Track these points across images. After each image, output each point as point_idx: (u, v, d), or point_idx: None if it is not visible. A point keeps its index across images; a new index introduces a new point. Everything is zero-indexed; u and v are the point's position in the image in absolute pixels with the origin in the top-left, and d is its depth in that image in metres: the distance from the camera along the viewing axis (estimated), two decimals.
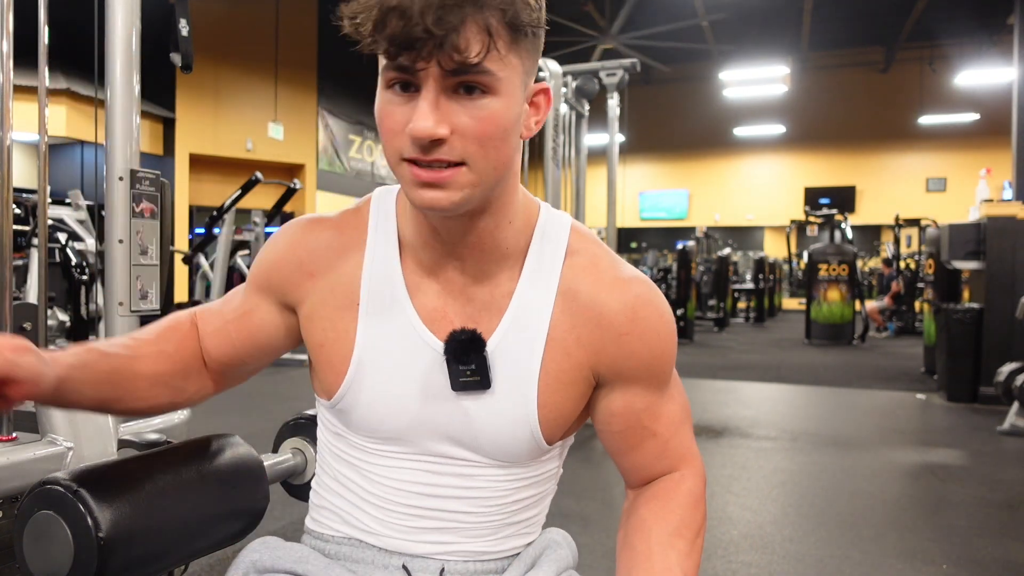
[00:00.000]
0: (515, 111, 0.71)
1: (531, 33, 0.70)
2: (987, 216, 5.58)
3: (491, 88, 0.68)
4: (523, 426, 0.80)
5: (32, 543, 0.86)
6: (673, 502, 0.85)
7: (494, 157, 0.71)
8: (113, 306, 1.77)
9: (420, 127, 0.67)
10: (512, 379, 0.80)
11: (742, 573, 2.45)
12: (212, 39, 10.79)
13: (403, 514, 0.83)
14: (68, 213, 5.74)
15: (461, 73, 0.67)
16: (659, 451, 0.86)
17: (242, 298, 0.91)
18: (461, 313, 0.81)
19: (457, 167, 0.70)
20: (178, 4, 2.14)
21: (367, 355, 0.81)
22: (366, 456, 0.84)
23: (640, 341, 0.81)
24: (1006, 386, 4.57)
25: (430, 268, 0.81)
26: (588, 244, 0.84)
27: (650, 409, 0.84)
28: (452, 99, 0.68)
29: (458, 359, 0.78)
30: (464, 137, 0.69)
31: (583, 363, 0.81)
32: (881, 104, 17.91)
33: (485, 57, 0.66)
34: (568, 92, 5.34)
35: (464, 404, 0.80)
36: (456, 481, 0.82)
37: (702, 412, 5.20)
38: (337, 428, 0.86)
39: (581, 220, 5.86)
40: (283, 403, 4.95)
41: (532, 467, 0.85)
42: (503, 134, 0.70)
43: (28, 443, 1.39)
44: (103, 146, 1.80)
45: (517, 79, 0.71)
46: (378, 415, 0.81)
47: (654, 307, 0.82)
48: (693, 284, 10.81)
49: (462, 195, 0.71)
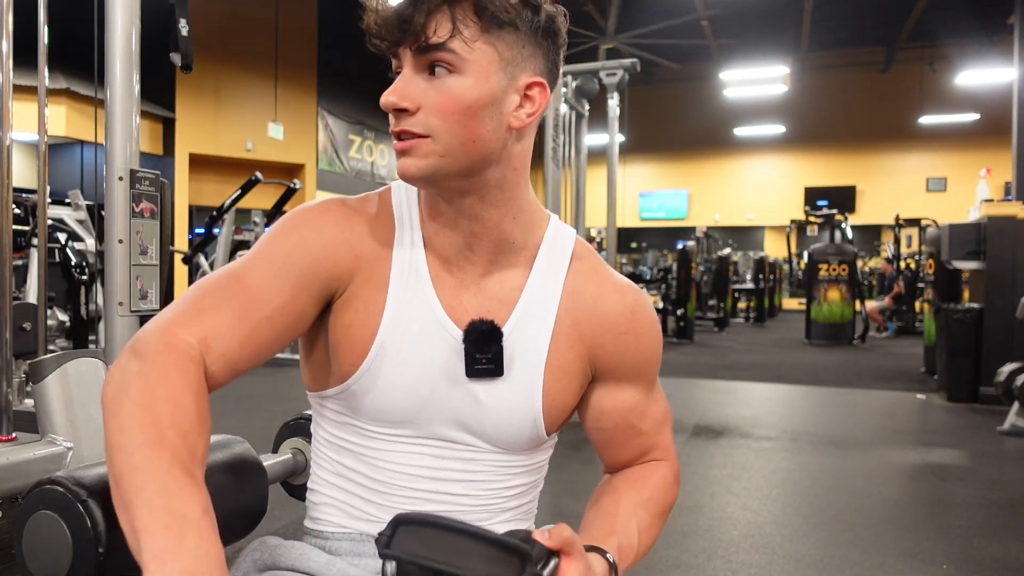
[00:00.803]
0: (483, 92, 0.77)
1: (510, 24, 0.77)
2: (987, 216, 5.58)
3: (456, 67, 0.76)
4: (527, 413, 0.85)
5: (32, 543, 0.86)
6: (647, 480, 0.93)
7: (459, 132, 0.77)
8: (113, 306, 1.77)
9: (384, 99, 0.77)
10: (521, 367, 0.85)
11: (742, 573, 2.45)
12: (212, 39, 10.78)
13: (405, 498, 0.85)
14: (68, 213, 5.73)
15: (427, 52, 0.76)
16: (642, 448, 0.95)
17: (273, 291, 0.80)
18: (475, 303, 0.85)
19: (423, 138, 0.77)
20: (178, 4, 2.14)
21: (390, 337, 0.83)
22: (370, 442, 0.86)
23: (636, 341, 0.89)
24: (1006, 386, 4.57)
25: (447, 259, 0.86)
26: (590, 254, 0.92)
27: (637, 408, 0.92)
28: (423, 78, 0.77)
29: (477, 348, 0.82)
30: (428, 111, 0.77)
31: (583, 356, 0.88)
32: (881, 104, 17.91)
33: (449, 39, 0.75)
34: (568, 92, 5.34)
35: (474, 390, 0.84)
36: (458, 465, 0.86)
37: (702, 412, 5.20)
38: (341, 416, 0.87)
39: (581, 220, 5.89)
40: (283, 403, 4.95)
41: (528, 455, 0.90)
42: (466, 110, 0.76)
43: (28, 443, 1.39)
44: (103, 146, 1.80)
45: (491, 65, 0.77)
46: (392, 398, 0.83)
47: (648, 312, 0.92)
48: (693, 284, 10.81)
49: (427, 163, 0.78)
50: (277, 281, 0.80)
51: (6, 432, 1.47)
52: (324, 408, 0.89)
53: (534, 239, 0.88)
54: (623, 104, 6.45)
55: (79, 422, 1.40)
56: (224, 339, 0.77)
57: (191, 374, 0.73)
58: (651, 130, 19.01)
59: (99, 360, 1.50)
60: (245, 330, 0.78)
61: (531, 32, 0.79)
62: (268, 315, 0.79)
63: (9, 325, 1.53)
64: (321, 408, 0.90)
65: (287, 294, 0.80)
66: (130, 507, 0.64)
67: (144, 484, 0.65)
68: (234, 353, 0.77)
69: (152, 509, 0.63)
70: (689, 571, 2.46)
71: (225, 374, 0.78)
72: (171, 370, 0.72)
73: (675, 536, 2.73)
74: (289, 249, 0.81)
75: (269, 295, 0.79)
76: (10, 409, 1.51)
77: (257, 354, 0.80)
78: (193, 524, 0.63)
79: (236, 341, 0.77)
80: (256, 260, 0.82)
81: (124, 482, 0.66)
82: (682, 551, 2.61)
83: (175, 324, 0.76)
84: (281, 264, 0.81)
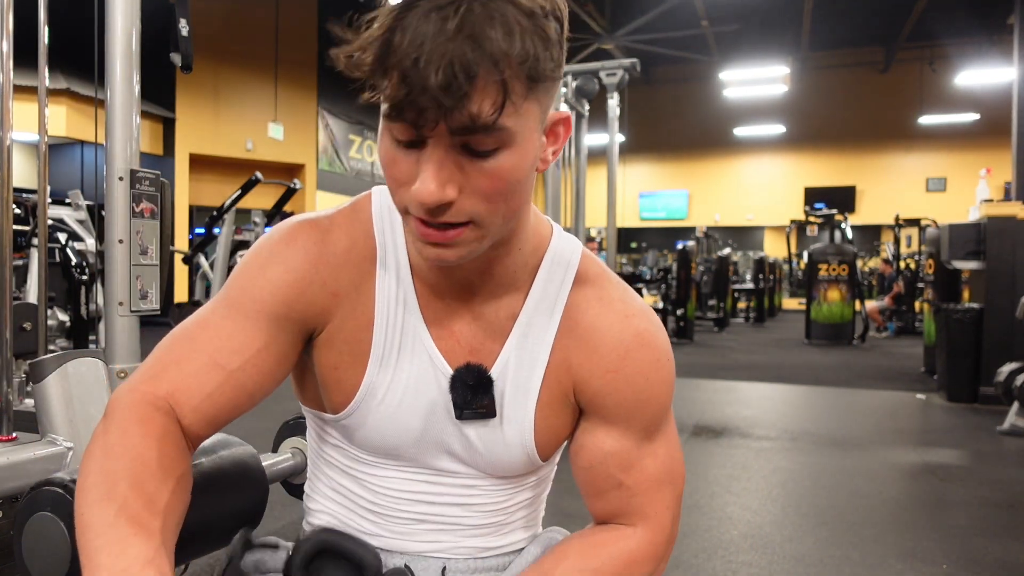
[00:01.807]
0: (531, 158, 0.66)
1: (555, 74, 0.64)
2: (987, 216, 5.58)
3: (504, 143, 0.63)
4: (519, 448, 0.80)
5: (31, 543, 0.86)
6: (603, 548, 0.80)
7: (503, 211, 0.67)
8: (113, 306, 1.77)
9: (425, 194, 0.62)
10: (512, 403, 0.79)
11: (742, 573, 2.45)
12: (212, 39, 10.79)
13: (402, 519, 0.83)
14: (68, 213, 5.73)
15: (471, 133, 0.61)
16: (622, 505, 0.82)
17: (245, 337, 0.75)
18: (468, 332, 0.79)
19: (464, 226, 0.66)
20: (178, 4, 2.14)
21: (379, 378, 0.78)
22: (365, 468, 0.83)
23: (626, 382, 0.79)
24: (1006, 386, 4.56)
25: (438, 288, 0.78)
26: (598, 276, 0.82)
27: (620, 456, 0.80)
28: (462, 155, 0.63)
29: (464, 401, 0.77)
30: (473, 196, 0.64)
31: (569, 389, 0.80)
32: (881, 104, 17.91)
33: (499, 116, 0.60)
34: (568, 92, 5.34)
35: (466, 429, 0.79)
36: (455, 490, 0.82)
37: (702, 412, 5.20)
38: (335, 440, 0.84)
39: (581, 220, 5.88)
40: (283, 403, 4.93)
41: (528, 476, 0.85)
42: (515, 187, 0.66)
43: (28, 443, 1.39)
44: (103, 146, 1.80)
45: (535, 123, 0.65)
46: (383, 435, 0.80)
47: (650, 351, 0.79)
48: (693, 284, 10.81)
49: (468, 250, 0.68)
50: (248, 328, 0.75)
51: (6, 432, 1.47)
52: (320, 428, 0.86)
53: (534, 260, 0.79)
54: (623, 104, 6.45)
55: (79, 422, 1.39)
56: (191, 393, 0.73)
57: (154, 423, 0.70)
58: (651, 130, 19.01)
59: (99, 360, 1.50)
60: (215, 382, 0.74)
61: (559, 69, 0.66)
62: (241, 365, 0.74)
63: (9, 325, 1.53)
64: (317, 426, 0.87)
65: (261, 341, 0.75)
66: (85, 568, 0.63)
67: (90, 542, 0.63)
68: (206, 406, 0.74)
69: (97, 569, 0.61)
70: (689, 571, 2.46)
71: (202, 426, 0.75)
72: (130, 424, 0.69)
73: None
74: (256, 293, 0.75)
75: (240, 344, 0.75)
76: (10, 409, 1.51)
77: (235, 404, 0.75)
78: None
79: (206, 394, 0.74)
80: (225, 307, 0.76)
81: (79, 543, 0.64)
82: (682, 551, 2.61)
83: (141, 382, 0.74)
84: (249, 311, 0.75)
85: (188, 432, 0.74)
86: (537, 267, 0.79)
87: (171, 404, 0.73)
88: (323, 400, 0.81)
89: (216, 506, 0.98)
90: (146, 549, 0.62)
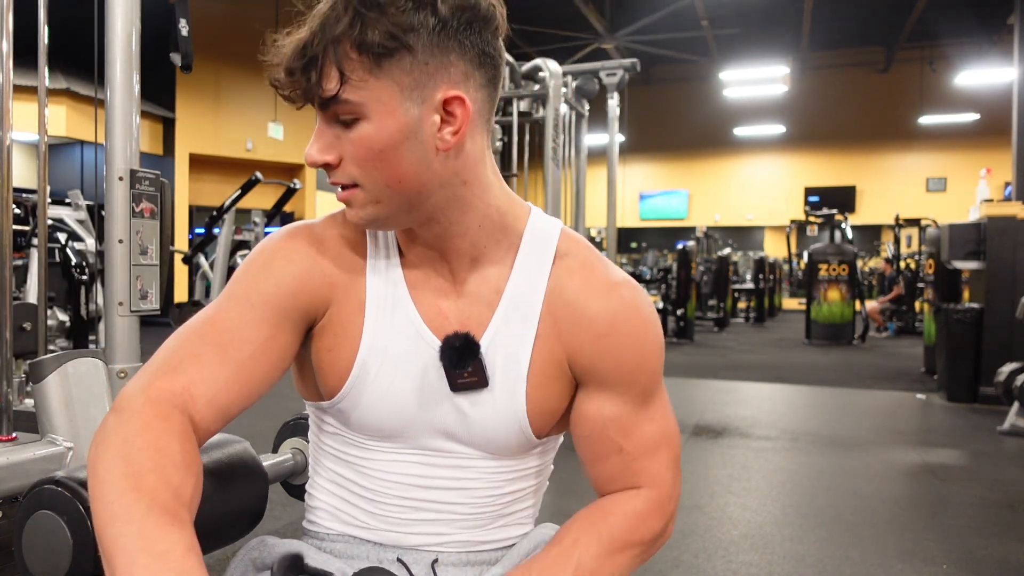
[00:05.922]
0: (391, 131, 0.73)
1: (401, 50, 0.71)
2: (987, 216, 5.58)
3: (359, 114, 0.73)
4: (513, 420, 0.82)
5: (31, 543, 0.86)
6: (612, 510, 0.85)
7: (380, 176, 0.75)
8: (113, 306, 1.77)
9: (307, 157, 0.76)
10: (504, 373, 0.82)
11: (742, 573, 2.45)
12: (212, 39, 10.79)
13: (397, 507, 0.85)
14: (68, 213, 5.73)
15: (326, 107, 0.74)
16: (623, 468, 0.86)
17: (252, 328, 0.79)
18: (456, 308, 0.83)
19: (352, 188, 0.76)
20: (178, 4, 2.14)
21: (371, 357, 0.81)
22: (361, 452, 0.86)
23: (617, 346, 0.82)
24: (1006, 386, 4.56)
25: (423, 268, 0.83)
26: (578, 248, 0.85)
27: (619, 421, 0.84)
28: (336, 128, 0.75)
29: (454, 365, 0.80)
30: (348, 161, 0.75)
31: (563, 360, 0.83)
32: (881, 104, 17.90)
33: (340, 89, 0.71)
34: (568, 92, 5.34)
35: (459, 402, 0.82)
36: (449, 473, 0.85)
37: (702, 412, 5.20)
38: (333, 427, 0.87)
39: (581, 220, 5.88)
40: (283, 403, 4.94)
41: (522, 459, 0.87)
42: (380, 154, 0.74)
43: (28, 443, 1.39)
44: (103, 146, 1.80)
45: (391, 99, 0.72)
46: (378, 415, 0.82)
47: (638, 315, 0.83)
48: (693, 284, 10.80)
49: (367, 212, 0.77)
50: (254, 320, 0.79)
51: (6, 432, 1.47)
52: (319, 418, 0.90)
53: (513, 236, 0.83)
54: (623, 104, 6.45)
55: (79, 422, 1.40)
56: (207, 385, 0.76)
57: (174, 420, 0.73)
58: (651, 130, 19.00)
59: (99, 360, 1.50)
60: (228, 373, 0.77)
61: (436, 39, 0.71)
62: (250, 354, 0.78)
63: (9, 325, 1.53)
64: (316, 417, 0.90)
65: (266, 332, 0.79)
66: (112, 557, 0.62)
67: (122, 531, 0.63)
68: (220, 398, 0.77)
69: (131, 553, 0.61)
70: (689, 571, 2.46)
71: (215, 420, 0.77)
72: (151, 419, 0.71)
73: (675, 536, 2.73)
74: (262, 286, 0.80)
75: (248, 335, 0.79)
76: (10, 409, 1.51)
77: (245, 395, 0.79)
78: (174, 562, 0.61)
79: (220, 385, 0.77)
80: (231, 302, 0.80)
81: (105, 533, 0.64)
82: (682, 551, 2.61)
83: (155, 378, 0.75)
84: (256, 302, 0.80)
85: (199, 428, 0.76)
86: (519, 245, 0.83)
87: (187, 399, 0.75)
88: (320, 388, 0.85)
89: (216, 506, 0.98)
90: (184, 536, 0.64)
